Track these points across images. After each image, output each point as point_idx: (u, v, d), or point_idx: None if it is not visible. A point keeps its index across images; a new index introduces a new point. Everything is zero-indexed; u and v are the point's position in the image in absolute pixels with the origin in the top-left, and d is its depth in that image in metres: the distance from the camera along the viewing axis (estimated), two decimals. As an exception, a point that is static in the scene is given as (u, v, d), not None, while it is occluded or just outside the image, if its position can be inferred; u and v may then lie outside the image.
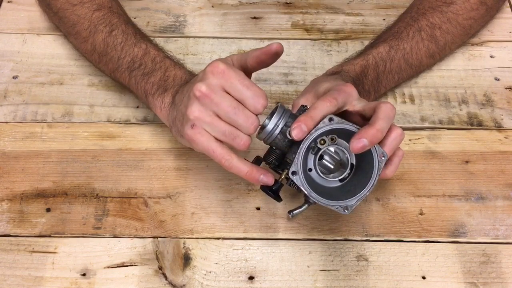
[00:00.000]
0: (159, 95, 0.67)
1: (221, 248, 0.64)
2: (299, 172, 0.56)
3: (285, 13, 0.89)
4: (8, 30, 0.85)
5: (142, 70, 0.69)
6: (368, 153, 0.57)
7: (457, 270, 0.63)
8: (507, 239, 0.65)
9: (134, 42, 0.71)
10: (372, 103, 0.59)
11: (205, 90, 0.57)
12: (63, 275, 0.62)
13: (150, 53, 0.71)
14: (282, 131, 0.58)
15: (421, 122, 0.75)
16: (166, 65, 0.70)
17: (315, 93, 0.63)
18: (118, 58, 0.71)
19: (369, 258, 0.64)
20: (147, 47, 0.71)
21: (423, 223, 0.66)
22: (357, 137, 0.55)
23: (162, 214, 0.66)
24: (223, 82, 0.57)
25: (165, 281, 0.61)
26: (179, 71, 0.69)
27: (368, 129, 0.55)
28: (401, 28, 0.76)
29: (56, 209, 0.67)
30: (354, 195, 0.57)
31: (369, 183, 0.58)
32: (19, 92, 0.77)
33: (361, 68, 0.71)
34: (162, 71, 0.69)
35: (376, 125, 0.56)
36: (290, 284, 0.62)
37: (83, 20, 0.74)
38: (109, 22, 0.73)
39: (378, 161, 0.58)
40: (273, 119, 0.58)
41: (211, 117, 0.57)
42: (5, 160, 0.70)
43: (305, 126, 0.55)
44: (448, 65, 0.82)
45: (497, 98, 0.78)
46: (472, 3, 0.78)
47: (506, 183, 0.70)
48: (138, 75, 0.70)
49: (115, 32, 0.72)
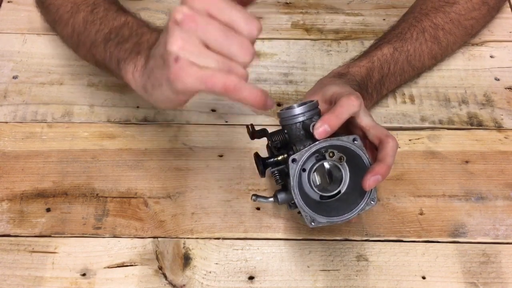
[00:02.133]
0: (131, 59, 0.58)
1: (221, 248, 0.64)
2: (298, 163, 0.55)
3: (285, 13, 0.89)
4: (8, 30, 0.85)
5: (118, 39, 0.63)
6: (363, 191, 0.57)
7: (457, 270, 0.63)
8: (507, 239, 0.65)
9: (114, 16, 0.67)
10: (379, 130, 0.58)
11: (188, 12, 0.46)
12: (63, 275, 0.62)
13: (129, 23, 0.64)
14: (304, 122, 0.57)
15: (421, 122, 0.75)
16: (143, 31, 0.62)
17: (323, 96, 0.62)
18: (96, 31, 0.66)
19: (369, 258, 0.64)
20: (127, 19, 0.65)
21: (423, 223, 0.66)
22: (373, 173, 0.55)
23: (162, 214, 0.66)
24: (206, 4, 0.46)
25: (165, 281, 0.62)
26: (156, 35, 0.60)
27: (382, 166, 0.56)
28: (405, 29, 0.76)
29: (56, 209, 0.67)
30: (327, 216, 0.57)
31: (344, 215, 0.57)
32: (19, 92, 0.77)
33: (366, 70, 0.71)
34: (138, 37, 0.61)
35: (388, 162, 0.56)
36: (290, 284, 0.62)
37: (67, 3, 0.72)
38: (93, 2, 0.70)
39: (365, 203, 0.58)
40: (303, 107, 0.57)
41: (198, 46, 0.46)
42: (5, 160, 0.70)
43: (329, 127, 0.54)
44: (448, 65, 0.82)
45: (497, 98, 0.78)
46: (474, 3, 0.78)
47: (506, 183, 0.70)
48: (112, 45, 0.63)
49: (96, 10, 0.69)
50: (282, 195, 0.59)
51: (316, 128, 0.54)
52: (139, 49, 0.59)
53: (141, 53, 0.58)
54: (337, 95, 0.60)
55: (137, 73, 0.57)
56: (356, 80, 0.69)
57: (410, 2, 0.82)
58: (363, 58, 0.73)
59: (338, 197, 0.59)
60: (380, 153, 0.57)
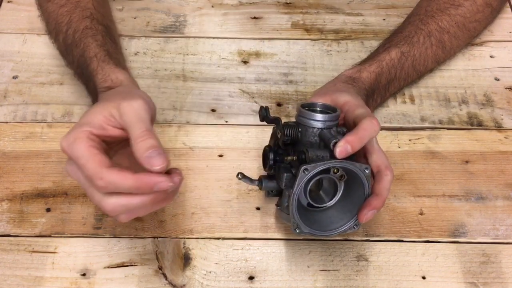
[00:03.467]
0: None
1: (221, 248, 0.64)
2: (308, 174, 0.55)
3: (285, 13, 0.89)
4: (8, 30, 0.85)
5: (85, 76, 0.69)
6: (349, 213, 0.59)
7: (457, 270, 0.63)
8: (507, 239, 0.65)
9: (77, 43, 0.70)
10: (380, 158, 0.59)
11: None
12: (63, 275, 0.62)
13: (84, 53, 0.69)
14: (322, 130, 0.57)
15: (421, 122, 0.75)
16: (89, 69, 0.67)
17: (334, 100, 0.63)
18: (71, 62, 0.72)
19: (369, 258, 0.64)
20: (84, 46, 0.69)
21: (423, 223, 0.66)
22: (371, 207, 0.57)
23: (162, 214, 0.66)
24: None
25: (165, 281, 0.61)
26: (94, 79, 0.66)
27: (379, 200, 0.57)
28: (412, 32, 0.76)
29: (56, 209, 0.67)
30: (309, 226, 0.58)
31: (326, 232, 0.59)
32: (19, 92, 0.77)
33: (375, 76, 0.71)
34: (89, 78, 0.68)
35: (384, 196, 0.58)
36: (290, 284, 0.62)
37: (52, 20, 0.74)
38: (68, 20, 0.72)
39: (348, 226, 0.59)
40: (327, 116, 0.57)
41: None
42: (5, 160, 0.70)
43: (350, 149, 0.55)
44: (448, 65, 0.82)
45: (497, 98, 0.78)
46: (478, 5, 0.78)
47: (506, 183, 0.70)
48: (82, 83, 0.71)
49: (70, 31, 0.71)
50: (267, 182, 0.60)
51: (338, 147, 0.54)
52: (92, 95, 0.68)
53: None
54: (354, 108, 0.60)
55: (98, 93, 0.64)
56: (365, 88, 0.69)
57: (410, 2, 0.82)
58: (373, 62, 0.72)
59: (323, 210, 0.60)
60: (378, 185, 0.58)
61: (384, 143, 0.73)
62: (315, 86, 0.78)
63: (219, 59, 0.82)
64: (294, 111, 0.76)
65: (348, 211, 0.59)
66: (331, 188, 0.60)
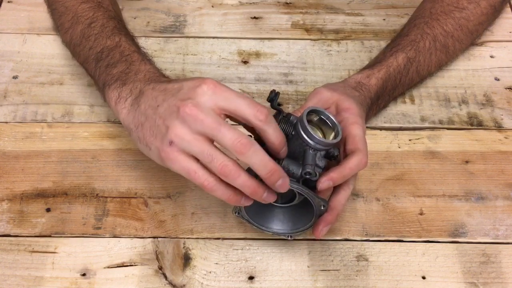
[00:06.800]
0: (116, 88, 0.62)
1: (221, 248, 0.64)
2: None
3: (285, 13, 0.89)
4: (8, 30, 0.85)
5: (108, 61, 0.66)
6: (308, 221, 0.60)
7: (457, 270, 0.63)
8: (507, 239, 0.65)
9: (109, 35, 0.69)
10: (352, 167, 0.58)
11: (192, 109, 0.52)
12: (63, 275, 0.62)
13: (121, 46, 0.67)
14: (310, 147, 0.55)
15: (421, 122, 0.75)
16: (133, 59, 0.65)
17: (339, 101, 0.63)
18: (90, 48, 0.69)
19: (369, 258, 0.64)
20: (120, 40, 0.68)
21: (423, 223, 0.66)
22: (326, 223, 0.59)
23: (162, 214, 0.66)
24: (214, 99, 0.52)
25: (165, 281, 0.62)
26: (144, 66, 0.64)
27: (333, 215, 0.59)
28: (418, 36, 0.75)
29: (56, 209, 0.67)
30: (252, 217, 0.61)
31: (262, 227, 0.61)
32: (19, 92, 0.77)
33: (383, 82, 0.71)
34: (127, 64, 0.65)
35: (339, 210, 0.59)
36: (290, 284, 0.62)
37: (69, 12, 0.74)
38: (92, 15, 0.72)
39: (281, 233, 0.61)
40: (321, 142, 0.55)
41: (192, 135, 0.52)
42: (5, 160, 0.70)
43: (332, 184, 0.56)
44: (448, 65, 0.82)
45: (497, 98, 0.78)
46: (482, 8, 0.78)
47: (506, 183, 0.70)
48: (102, 66, 0.66)
49: (94, 24, 0.71)
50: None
51: (321, 182, 0.56)
52: (125, 80, 0.62)
53: (127, 85, 0.62)
54: (353, 120, 0.61)
55: (124, 110, 0.61)
56: (371, 97, 0.69)
57: (410, 2, 0.82)
58: (381, 68, 0.72)
59: (272, 208, 0.61)
60: (334, 198, 0.59)
61: (384, 143, 0.73)
62: (315, 86, 0.78)
63: (219, 59, 0.82)
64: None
65: (291, 221, 0.61)
66: (289, 194, 0.60)
